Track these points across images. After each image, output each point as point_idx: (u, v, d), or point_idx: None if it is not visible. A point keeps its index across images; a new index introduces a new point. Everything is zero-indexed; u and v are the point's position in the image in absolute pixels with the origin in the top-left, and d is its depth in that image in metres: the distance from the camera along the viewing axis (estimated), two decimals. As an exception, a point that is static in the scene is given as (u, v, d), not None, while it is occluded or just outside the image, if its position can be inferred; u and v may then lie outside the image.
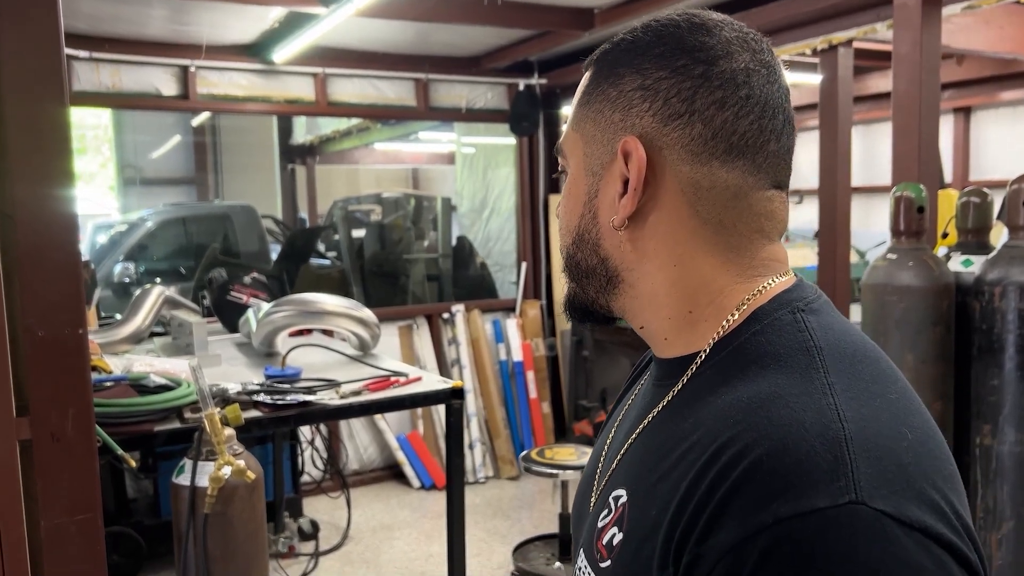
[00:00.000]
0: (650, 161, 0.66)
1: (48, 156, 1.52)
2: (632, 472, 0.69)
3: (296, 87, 4.40)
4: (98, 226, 7.68)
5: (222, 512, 1.70)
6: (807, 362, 0.60)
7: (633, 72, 0.67)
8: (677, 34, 0.66)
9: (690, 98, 0.64)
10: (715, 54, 0.65)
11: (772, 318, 0.65)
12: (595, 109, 0.69)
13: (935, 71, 2.71)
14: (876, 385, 0.60)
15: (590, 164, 0.70)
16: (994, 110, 6.88)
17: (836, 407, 0.57)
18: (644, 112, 0.66)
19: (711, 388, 0.64)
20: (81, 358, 1.61)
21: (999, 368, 2.19)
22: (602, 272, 0.71)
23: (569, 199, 0.73)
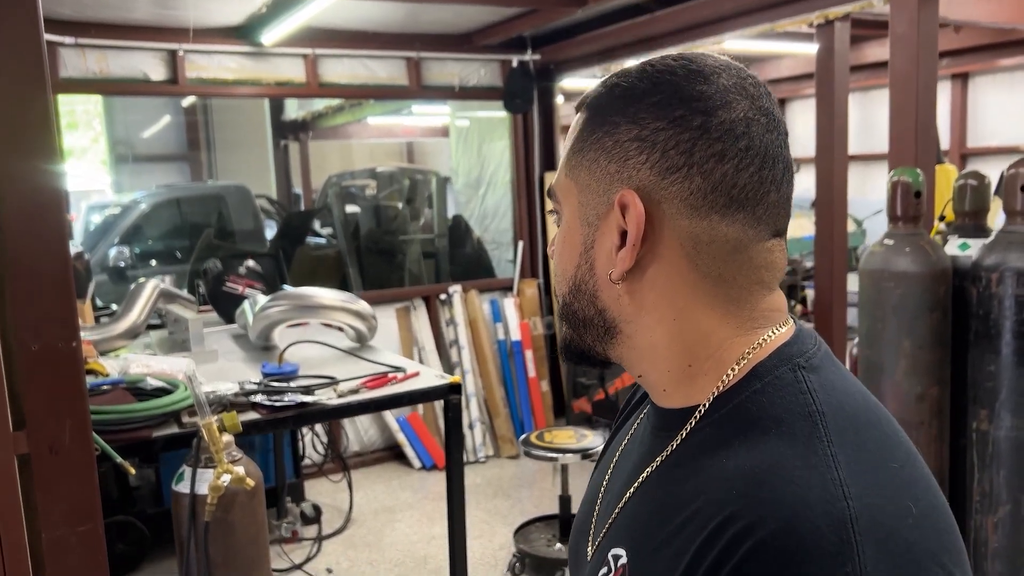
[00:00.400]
0: (648, 215, 0.64)
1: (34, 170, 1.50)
2: (632, 532, 0.68)
3: (286, 69, 4.34)
4: (92, 207, 7.65)
5: (223, 518, 1.70)
6: (810, 429, 0.59)
7: (629, 121, 0.65)
8: (673, 82, 0.64)
9: (688, 151, 0.63)
10: (713, 104, 0.63)
11: (773, 376, 0.64)
12: (590, 158, 0.68)
13: (932, 50, 2.67)
14: (880, 454, 0.60)
15: (585, 213, 0.69)
16: (991, 76, 6.83)
17: (841, 483, 0.56)
18: (641, 164, 0.64)
19: (711, 449, 0.63)
20: (76, 370, 1.60)
21: (996, 354, 2.20)
22: (600, 323, 0.70)
23: (565, 246, 0.72)
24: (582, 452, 3.28)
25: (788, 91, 7.70)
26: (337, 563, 3.51)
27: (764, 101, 0.66)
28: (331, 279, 5.27)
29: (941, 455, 2.37)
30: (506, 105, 4.91)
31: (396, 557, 3.56)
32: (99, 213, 7.15)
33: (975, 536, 2.31)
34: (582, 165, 0.68)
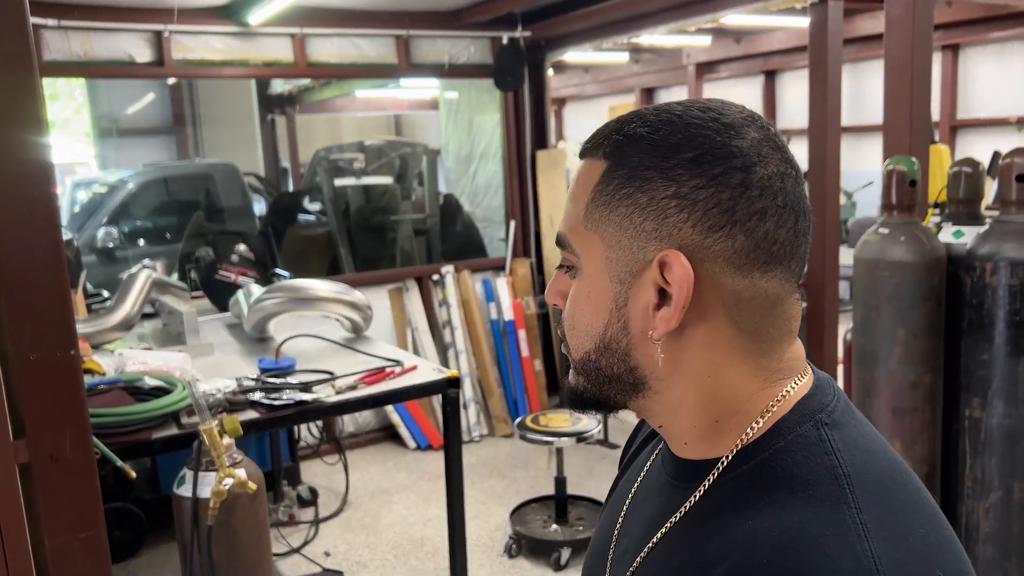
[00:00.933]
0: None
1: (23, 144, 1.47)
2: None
3: (274, 49, 4.28)
4: (77, 183, 7.57)
5: (225, 521, 1.71)
6: (837, 494, 0.59)
7: (664, 178, 0.63)
8: (707, 135, 0.63)
9: (731, 209, 0.62)
10: (750, 160, 0.63)
11: (796, 434, 0.64)
12: (620, 213, 0.65)
13: (928, 34, 2.66)
14: (906, 519, 0.60)
15: (616, 270, 0.66)
16: (982, 47, 6.81)
17: (872, 555, 0.56)
18: (682, 223, 0.63)
19: (735, 508, 0.63)
20: (75, 378, 1.59)
21: (989, 343, 2.22)
22: (628, 379, 0.68)
23: (589, 303, 0.68)
24: (577, 435, 3.31)
25: (779, 63, 7.66)
26: (335, 546, 3.54)
27: (787, 152, 0.66)
28: (322, 259, 5.25)
29: (934, 442, 2.40)
30: (497, 82, 4.86)
31: (393, 539, 3.59)
32: (85, 190, 7.08)
33: (967, 521, 2.35)
34: (610, 220, 0.65)
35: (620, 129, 0.67)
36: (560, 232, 0.71)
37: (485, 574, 3.26)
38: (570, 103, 10.70)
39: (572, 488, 3.62)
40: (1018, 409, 2.18)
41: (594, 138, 0.69)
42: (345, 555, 3.46)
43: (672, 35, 5.35)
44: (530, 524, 3.48)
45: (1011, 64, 6.61)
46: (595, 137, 0.69)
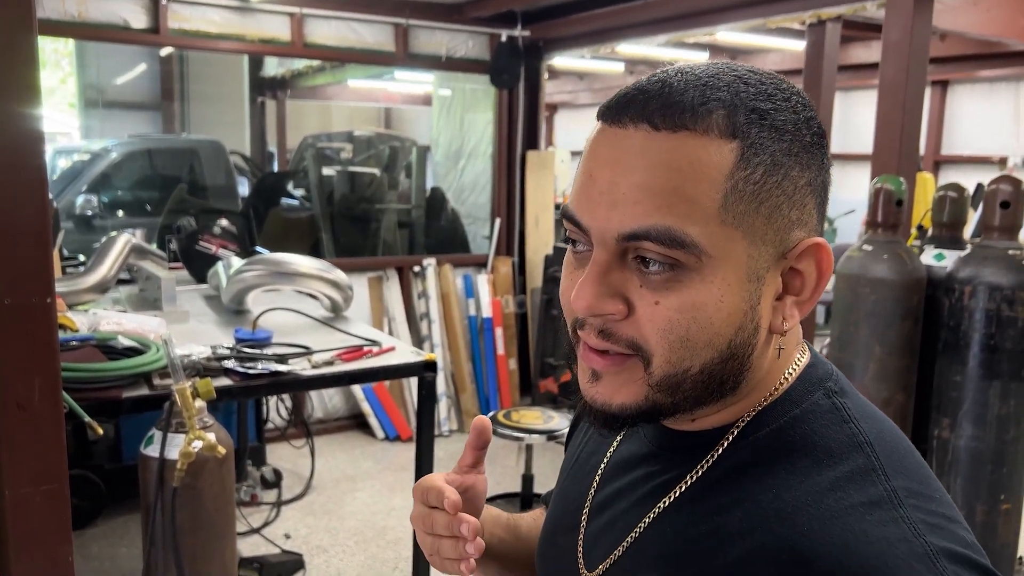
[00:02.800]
0: None
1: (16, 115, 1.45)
2: (668, 561, 0.64)
3: (271, 26, 4.25)
4: (59, 150, 7.46)
5: (191, 484, 1.69)
6: (864, 462, 0.59)
7: (799, 165, 0.59)
8: (812, 120, 0.61)
9: (827, 192, 0.63)
10: (828, 143, 0.63)
11: (809, 402, 0.64)
12: (771, 205, 0.58)
13: (923, 60, 2.70)
14: (924, 485, 0.60)
15: (755, 267, 0.59)
16: (970, 85, 6.91)
17: (910, 520, 0.56)
18: (813, 209, 0.61)
19: (754, 478, 0.61)
20: (49, 327, 1.57)
21: (963, 365, 2.24)
22: (732, 385, 0.62)
23: (720, 309, 0.59)
24: (548, 434, 3.30)
25: (771, 85, 7.72)
26: (295, 529, 3.50)
27: None
28: (303, 243, 5.21)
29: (901, 459, 2.42)
30: (492, 79, 4.86)
31: (355, 526, 3.56)
32: (66, 158, 6.97)
33: (927, 540, 2.37)
34: (758, 213, 0.58)
35: (741, 103, 0.58)
36: (664, 227, 0.57)
37: (446, 566, 3.24)
38: (562, 110, 10.73)
39: (539, 487, 3.61)
40: (986, 432, 2.21)
41: (682, 102, 0.57)
42: (305, 539, 3.43)
43: (668, 48, 5.38)
44: (494, 520, 3.47)
45: (998, 104, 6.72)
46: (685, 101, 0.57)
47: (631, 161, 0.58)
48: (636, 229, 0.57)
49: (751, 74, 0.60)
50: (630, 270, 0.60)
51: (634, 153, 0.58)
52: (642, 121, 0.58)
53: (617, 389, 0.62)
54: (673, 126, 0.57)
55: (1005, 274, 2.16)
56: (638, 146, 0.58)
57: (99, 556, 3.25)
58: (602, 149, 0.60)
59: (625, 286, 0.60)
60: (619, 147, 0.59)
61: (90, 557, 3.24)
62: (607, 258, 0.59)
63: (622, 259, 0.60)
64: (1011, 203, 2.20)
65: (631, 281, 0.59)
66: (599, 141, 0.61)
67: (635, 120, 0.58)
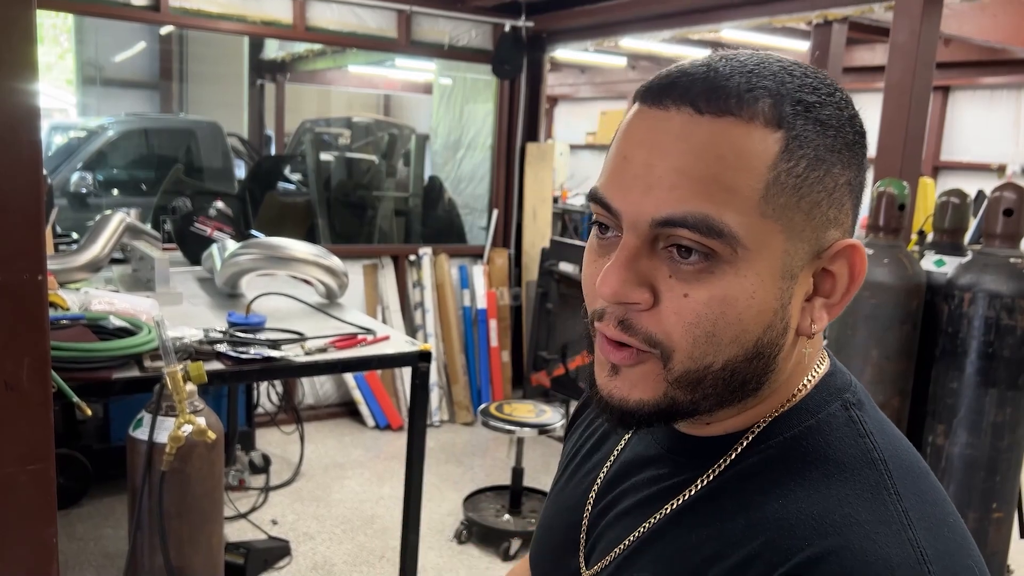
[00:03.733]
0: None
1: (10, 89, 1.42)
2: (669, 565, 0.63)
3: (273, 8, 4.21)
4: (55, 127, 7.39)
5: (180, 469, 1.67)
6: (876, 479, 0.57)
7: (841, 163, 0.58)
8: (855, 115, 0.60)
9: (863, 193, 0.62)
10: (867, 143, 0.62)
11: (825, 412, 0.62)
12: (811, 200, 0.56)
13: (930, 63, 2.68)
14: (939, 508, 0.58)
15: (790, 264, 0.57)
16: (971, 92, 6.91)
17: (918, 544, 0.54)
18: (850, 209, 0.60)
19: (762, 487, 0.60)
20: (39, 305, 1.54)
21: (959, 372, 2.24)
22: (755, 386, 0.60)
23: (752, 305, 0.56)
24: (540, 427, 3.29)
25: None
26: (283, 515, 3.48)
27: None
28: (299, 228, 5.18)
29: (893, 464, 2.42)
30: (495, 70, 4.83)
31: (343, 514, 3.54)
32: (62, 134, 6.92)
33: (918, 546, 2.37)
34: (799, 208, 0.56)
35: (787, 93, 0.56)
36: (702, 214, 0.54)
37: (433, 556, 3.23)
38: (562, 103, 10.69)
39: (528, 481, 3.60)
40: (981, 440, 2.21)
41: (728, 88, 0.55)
42: (292, 525, 3.41)
43: (672, 44, 5.36)
44: (483, 512, 3.46)
45: (998, 111, 6.72)
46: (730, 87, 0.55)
47: (670, 144, 0.55)
48: (672, 215, 0.55)
49: (796, 66, 0.58)
50: (660, 259, 0.57)
51: (674, 136, 0.55)
52: (685, 104, 0.55)
53: (635, 384, 0.60)
54: (718, 111, 0.55)
55: (1005, 282, 2.15)
56: (678, 129, 0.55)
57: (84, 536, 3.23)
58: (639, 131, 0.57)
59: (654, 275, 0.57)
60: (658, 129, 0.56)
61: (75, 537, 3.21)
62: (637, 244, 0.57)
63: (652, 247, 0.57)
64: (1014, 211, 2.19)
65: (660, 271, 0.57)
66: (636, 122, 0.58)
67: (677, 102, 0.56)
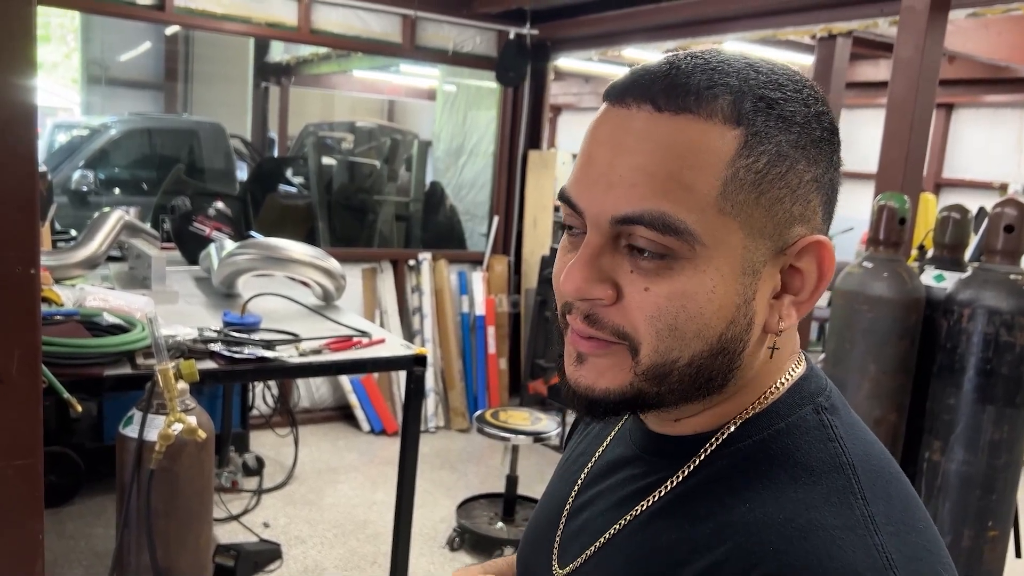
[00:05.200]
0: None
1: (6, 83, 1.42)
2: (633, 567, 0.62)
3: (278, 10, 4.21)
4: (58, 125, 7.40)
5: (169, 468, 1.65)
6: (843, 484, 0.57)
7: (805, 159, 0.57)
8: (824, 115, 0.59)
9: (836, 192, 0.61)
10: (838, 141, 0.61)
11: (796, 416, 0.61)
12: (772, 196, 0.56)
13: (933, 78, 2.67)
14: (907, 514, 0.58)
15: (751, 260, 0.57)
16: (975, 110, 6.92)
17: (884, 550, 0.53)
18: (817, 206, 0.59)
19: (730, 488, 0.59)
20: (31, 298, 1.53)
21: (957, 388, 2.22)
22: (721, 382, 0.60)
23: (712, 300, 0.57)
24: (535, 435, 3.27)
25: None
26: (275, 518, 3.46)
27: None
28: (299, 230, 5.17)
29: (889, 480, 2.40)
30: (498, 77, 4.83)
31: (335, 518, 3.52)
32: (65, 132, 6.92)
33: (912, 563, 2.35)
34: (758, 204, 0.56)
35: (747, 88, 0.56)
36: (659, 212, 0.55)
37: (424, 563, 3.21)
38: (566, 112, 10.70)
39: (523, 489, 3.58)
40: (977, 457, 2.19)
41: (689, 86, 0.55)
42: (284, 528, 3.39)
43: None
44: (476, 519, 3.44)
45: (1001, 130, 6.72)
46: (691, 85, 0.55)
47: (631, 143, 0.56)
48: (630, 213, 0.56)
49: (763, 63, 0.58)
50: (622, 255, 0.58)
51: (635, 134, 0.56)
52: (646, 102, 0.56)
53: (602, 373, 0.61)
54: (676, 108, 0.55)
55: (1005, 299, 2.14)
56: (639, 127, 0.56)
57: (74, 535, 3.21)
58: (603, 129, 0.58)
59: (616, 271, 0.58)
60: (620, 128, 0.57)
61: (65, 535, 3.19)
62: (600, 242, 0.58)
63: (615, 243, 0.58)
64: (1015, 227, 2.18)
65: (622, 266, 0.58)
66: (601, 121, 0.59)
67: (638, 101, 0.56)
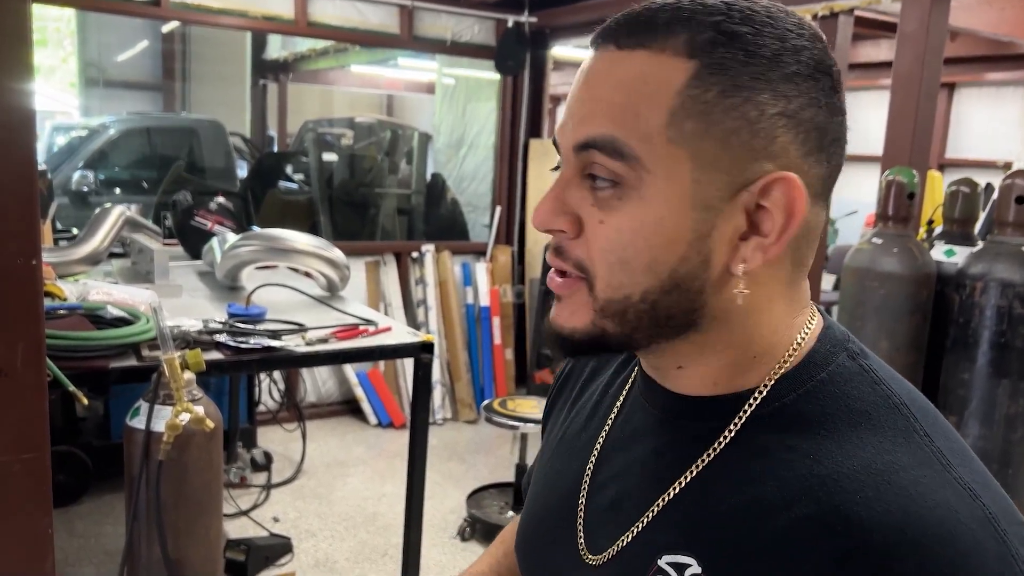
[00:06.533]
0: None
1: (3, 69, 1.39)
2: (700, 537, 0.59)
3: (275, 3, 4.18)
4: (57, 127, 7.38)
5: (177, 459, 1.63)
6: (904, 424, 0.57)
7: (771, 92, 0.55)
8: (807, 49, 0.57)
9: (824, 133, 0.58)
10: (836, 80, 0.58)
11: (835, 364, 0.60)
12: (726, 128, 0.55)
13: (939, 53, 2.65)
14: (960, 444, 0.58)
15: (704, 194, 0.56)
16: (977, 88, 6.87)
17: (963, 482, 0.54)
18: (788, 143, 0.57)
19: (787, 444, 0.57)
20: (34, 290, 1.51)
21: (971, 362, 2.20)
22: (682, 321, 0.59)
23: (658, 233, 0.57)
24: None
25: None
26: (284, 513, 3.45)
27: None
28: (301, 225, 5.14)
29: (904, 458, 2.38)
30: (497, 66, 4.80)
31: (345, 511, 3.51)
32: (64, 135, 6.90)
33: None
34: (709, 135, 0.55)
35: (708, 22, 0.56)
36: (609, 136, 0.56)
37: (436, 554, 3.20)
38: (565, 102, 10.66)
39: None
40: (993, 431, 2.17)
41: (651, 23, 0.57)
42: (294, 522, 3.38)
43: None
44: (486, 508, 3.42)
45: (1004, 108, 6.68)
46: (653, 22, 0.57)
47: (596, 80, 0.59)
48: (585, 138, 0.58)
49: (756, 5, 0.57)
50: (585, 188, 0.60)
51: (598, 73, 0.59)
52: (610, 42, 0.59)
53: (572, 312, 0.62)
54: (633, 45, 0.58)
55: (1018, 270, 2.11)
56: (604, 66, 0.59)
57: (84, 534, 3.19)
58: (581, 73, 0.61)
59: (580, 204, 0.60)
60: (590, 69, 0.60)
61: (75, 534, 3.18)
62: (568, 175, 0.60)
63: (581, 177, 0.60)
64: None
65: (585, 200, 0.60)
66: (582, 67, 0.62)
67: (606, 42, 0.59)
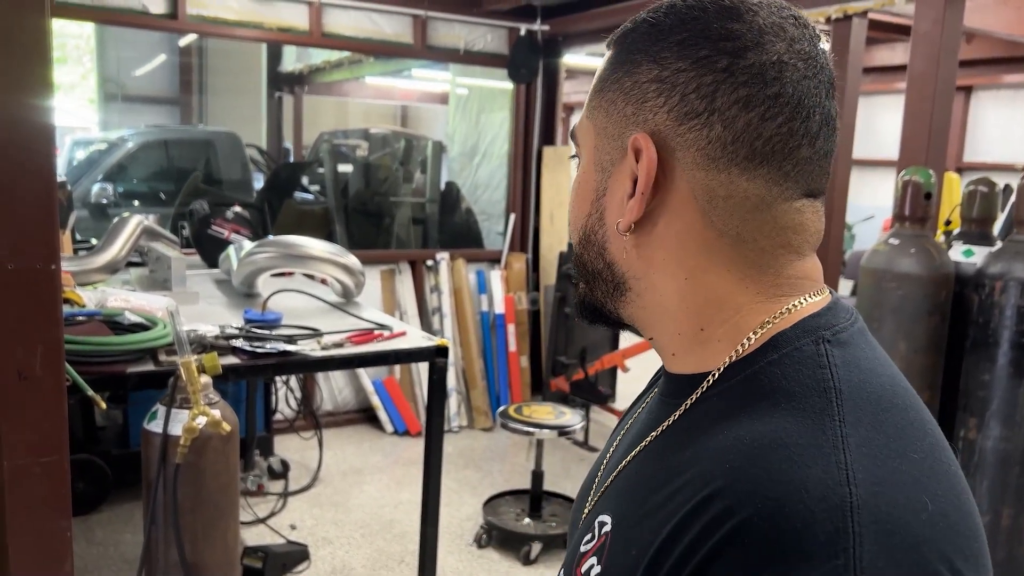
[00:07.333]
0: (662, 162, 0.60)
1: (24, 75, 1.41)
2: (621, 499, 0.64)
3: (290, 15, 4.22)
4: (76, 141, 7.47)
5: (194, 462, 1.64)
6: (822, 406, 0.54)
7: (651, 61, 0.60)
8: (703, 19, 0.58)
9: (710, 95, 0.57)
10: (743, 44, 0.57)
11: (792, 347, 0.58)
12: (608, 99, 0.63)
13: (954, 52, 2.63)
14: (899, 441, 0.54)
15: (600, 158, 0.65)
16: (995, 91, 6.83)
17: (847, 466, 0.50)
18: (659, 107, 0.59)
19: (716, 420, 0.58)
20: (52, 293, 1.53)
21: (991, 363, 2.17)
22: (608, 277, 0.67)
23: (578, 193, 0.68)
24: (559, 429, 3.24)
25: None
26: (301, 520, 3.46)
27: (806, 44, 0.59)
28: (317, 235, 5.14)
29: (924, 461, 2.35)
30: (510, 74, 4.82)
31: (362, 519, 3.51)
32: (83, 149, 6.99)
33: (951, 544, 2.30)
34: (600, 107, 0.64)
35: (633, 19, 0.65)
36: (573, 126, 0.70)
37: (452, 561, 3.19)
38: (578, 110, 10.69)
39: (548, 485, 3.55)
40: (1015, 433, 2.14)
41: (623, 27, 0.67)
42: (311, 530, 3.38)
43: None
44: (503, 516, 3.41)
45: (1022, 111, 6.63)
46: (624, 26, 0.67)
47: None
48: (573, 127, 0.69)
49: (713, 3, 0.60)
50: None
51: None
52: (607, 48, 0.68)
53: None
54: (608, 46, 0.66)
55: (1038, 269, 2.09)
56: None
57: (103, 541, 3.21)
58: None
59: None
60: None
61: (94, 542, 3.20)
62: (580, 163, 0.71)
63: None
64: (1046, 197, 2.13)
65: None
66: None
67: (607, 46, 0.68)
